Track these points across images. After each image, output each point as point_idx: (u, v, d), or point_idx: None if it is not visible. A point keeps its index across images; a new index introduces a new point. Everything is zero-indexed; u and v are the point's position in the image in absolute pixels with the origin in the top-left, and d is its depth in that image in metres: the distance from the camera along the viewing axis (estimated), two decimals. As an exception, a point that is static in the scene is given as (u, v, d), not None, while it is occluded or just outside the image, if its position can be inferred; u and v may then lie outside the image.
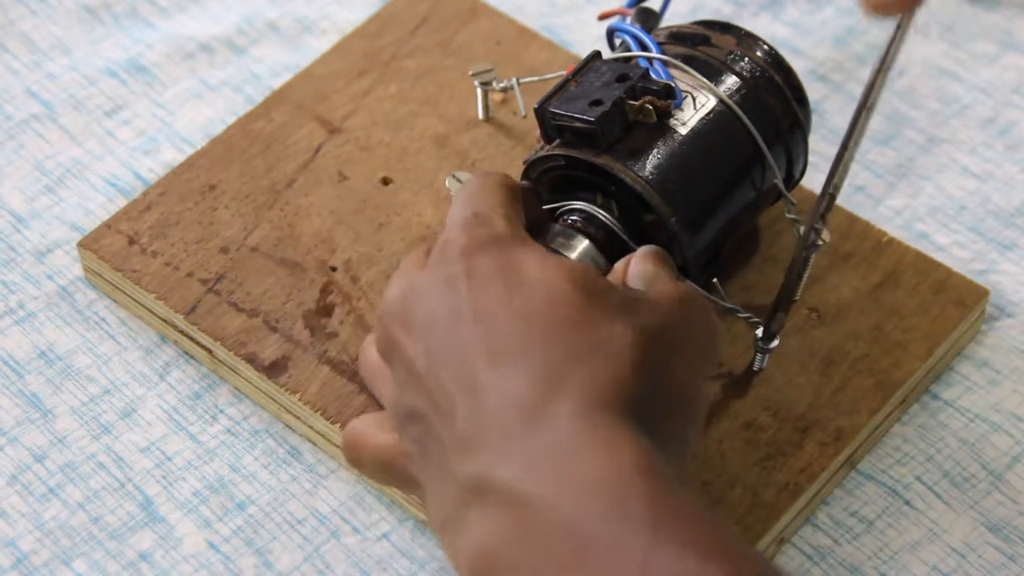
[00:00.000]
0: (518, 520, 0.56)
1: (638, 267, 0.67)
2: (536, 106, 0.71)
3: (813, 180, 0.84)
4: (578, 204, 0.72)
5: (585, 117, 0.70)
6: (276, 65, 0.90)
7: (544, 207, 0.73)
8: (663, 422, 0.60)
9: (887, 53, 0.66)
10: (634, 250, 0.70)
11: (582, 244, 0.71)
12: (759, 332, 0.74)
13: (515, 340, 0.60)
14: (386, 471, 0.65)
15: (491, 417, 0.58)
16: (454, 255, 0.63)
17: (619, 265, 0.68)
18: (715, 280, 0.73)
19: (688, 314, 0.63)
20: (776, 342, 0.74)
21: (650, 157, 0.71)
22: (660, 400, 0.60)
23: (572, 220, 0.72)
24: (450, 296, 0.62)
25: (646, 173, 0.70)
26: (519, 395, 0.58)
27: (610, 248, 0.71)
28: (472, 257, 0.62)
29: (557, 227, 0.71)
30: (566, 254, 0.70)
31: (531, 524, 0.55)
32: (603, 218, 0.72)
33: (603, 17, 0.77)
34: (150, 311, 0.78)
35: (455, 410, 0.59)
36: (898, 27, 0.65)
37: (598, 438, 0.57)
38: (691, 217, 0.71)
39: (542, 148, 0.73)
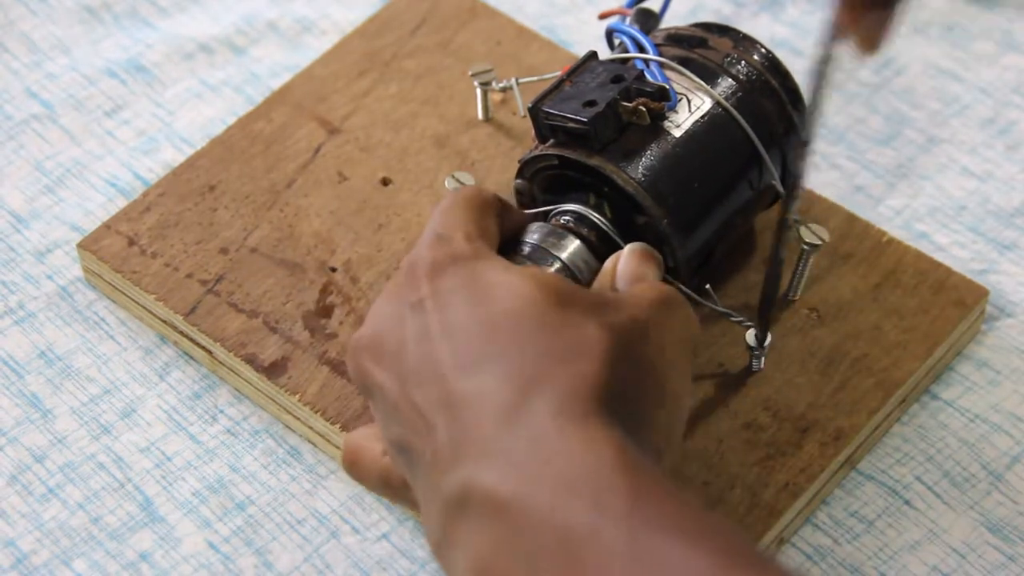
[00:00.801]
0: (504, 524, 0.55)
1: (626, 266, 0.67)
2: (530, 106, 0.71)
3: (812, 180, 0.84)
4: (570, 205, 0.72)
5: (578, 118, 0.70)
6: (276, 65, 0.90)
7: (537, 208, 0.73)
8: (645, 417, 0.60)
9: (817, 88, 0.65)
10: None
11: (573, 244, 0.71)
12: (748, 336, 0.74)
13: (485, 348, 0.60)
14: (387, 487, 0.65)
15: (468, 427, 0.58)
16: (416, 278, 0.63)
17: (608, 264, 0.68)
18: (708, 286, 0.73)
19: (664, 312, 0.63)
20: (766, 344, 0.74)
21: (643, 159, 0.71)
22: (639, 395, 0.60)
23: (564, 220, 0.72)
24: (416, 319, 0.62)
25: (638, 175, 0.70)
26: (494, 401, 0.58)
27: (602, 249, 0.71)
28: (434, 278, 0.62)
29: (549, 227, 0.71)
30: (557, 254, 0.70)
31: (516, 527, 0.55)
32: (595, 219, 0.72)
33: (603, 17, 0.77)
34: (150, 312, 0.78)
35: (434, 428, 0.59)
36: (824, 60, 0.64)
37: (575, 435, 0.57)
38: (683, 219, 0.71)
39: (536, 148, 0.73)
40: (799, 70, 0.76)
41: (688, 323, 0.64)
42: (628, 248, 0.68)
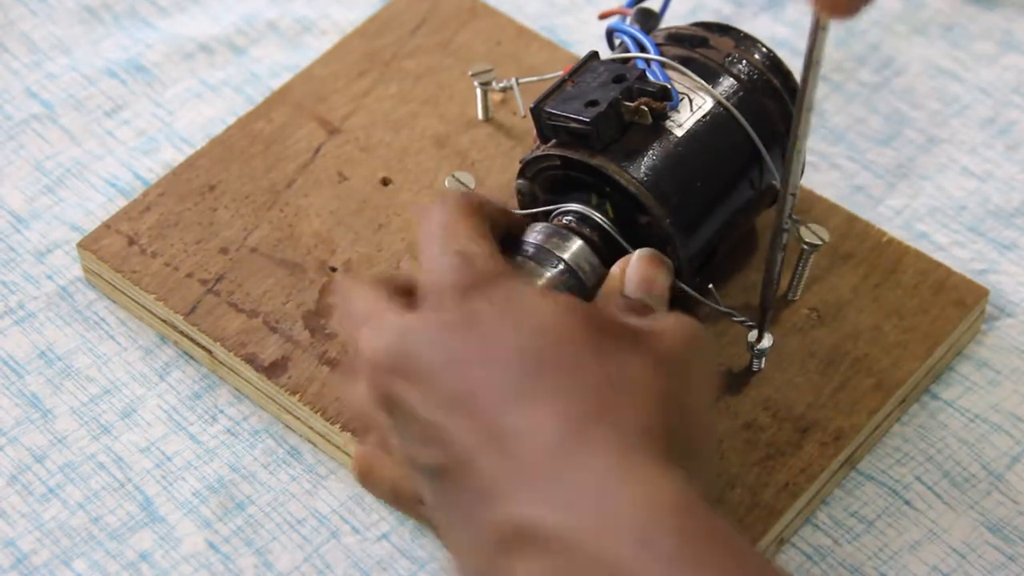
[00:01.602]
0: (561, 562, 0.55)
1: (635, 271, 0.67)
2: (532, 106, 0.71)
3: (812, 180, 0.84)
4: (572, 205, 0.72)
5: (580, 118, 0.70)
6: (276, 65, 0.90)
7: (539, 208, 0.74)
8: (687, 448, 0.60)
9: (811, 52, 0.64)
10: (628, 251, 0.70)
11: (576, 245, 0.71)
12: (751, 336, 0.74)
13: (532, 381, 0.58)
14: (398, 501, 0.65)
15: (519, 461, 0.57)
16: (448, 300, 0.61)
17: (615, 269, 0.68)
18: (710, 285, 0.73)
19: (698, 349, 0.63)
20: (767, 344, 0.74)
21: (645, 159, 0.71)
22: (682, 430, 0.60)
23: (567, 221, 0.72)
24: (452, 342, 0.60)
25: (641, 174, 0.70)
26: (545, 436, 0.57)
27: (604, 249, 0.71)
28: (467, 300, 0.61)
29: (551, 227, 0.71)
30: (560, 255, 0.70)
31: (570, 564, 0.54)
32: (597, 219, 0.72)
33: (603, 16, 0.77)
34: (150, 311, 0.78)
35: (477, 458, 0.58)
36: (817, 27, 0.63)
37: (630, 472, 0.56)
38: (686, 219, 0.71)
39: (538, 148, 0.73)
40: (799, 70, 0.76)
41: (714, 357, 0.64)
42: (637, 253, 0.68)
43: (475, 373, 0.59)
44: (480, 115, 0.84)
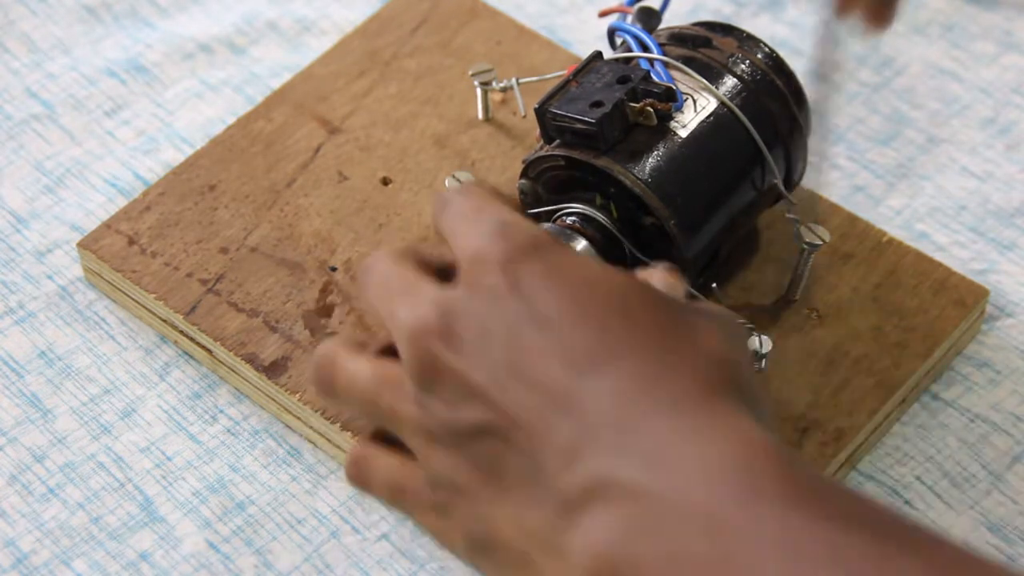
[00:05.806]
0: (644, 513, 0.53)
1: (659, 281, 0.65)
2: (536, 106, 0.71)
3: (812, 180, 0.84)
4: (576, 206, 0.72)
5: (585, 118, 0.70)
6: (276, 65, 0.90)
7: (542, 208, 0.74)
8: (760, 409, 0.58)
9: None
10: (630, 252, 0.70)
11: (580, 245, 0.71)
12: (751, 342, 0.74)
13: (600, 347, 0.57)
14: (401, 494, 0.62)
15: (597, 420, 0.55)
16: (494, 267, 0.59)
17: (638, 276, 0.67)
18: (714, 284, 0.73)
19: (738, 328, 0.61)
20: (768, 347, 0.73)
21: (649, 159, 0.71)
22: (748, 391, 0.58)
23: (571, 221, 0.72)
24: (503, 308, 0.58)
25: (645, 175, 0.70)
26: (622, 399, 0.55)
27: (608, 250, 0.71)
28: (516, 265, 0.58)
29: (556, 228, 0.72)
30: None
31: (660, 515, 0.53)
32: (601, 220, 0.72)
33: (603, 14, 0.77)
34: (150, 311, 0.79)
35: (546, 423, 0.56)
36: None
37: (717, 422, 0.55)
38: (690, 220, 0.71)
39: (541, 148, 0.73)
40: (800, 70, 0.76)
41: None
42: (661, 266, 0.66)
43: (531, 337, 0.57)
44: (480, 115, 0.84)
